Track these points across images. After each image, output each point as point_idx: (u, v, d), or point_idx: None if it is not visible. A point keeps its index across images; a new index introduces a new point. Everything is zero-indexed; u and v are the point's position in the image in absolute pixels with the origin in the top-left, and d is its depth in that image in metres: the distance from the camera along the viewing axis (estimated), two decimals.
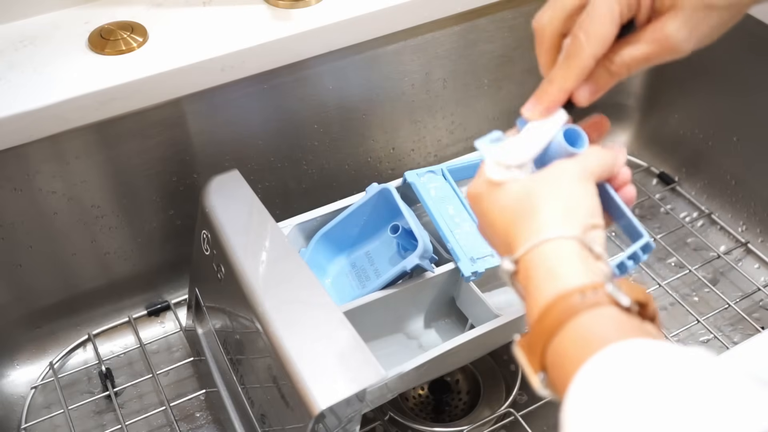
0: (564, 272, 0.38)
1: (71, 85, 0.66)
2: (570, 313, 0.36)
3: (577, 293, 0.37)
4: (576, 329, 0.36)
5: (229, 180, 0.68)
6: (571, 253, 0.39)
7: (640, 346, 0.34)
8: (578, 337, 0.36)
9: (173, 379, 0.80)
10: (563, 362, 0.36)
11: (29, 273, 0.76)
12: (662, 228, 0.95)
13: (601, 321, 0.36)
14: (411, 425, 0.72)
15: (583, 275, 0.38)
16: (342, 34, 0.75)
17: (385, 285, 0.68)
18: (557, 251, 0.39)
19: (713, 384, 0.32)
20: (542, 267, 0.39)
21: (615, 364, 0.34)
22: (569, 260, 0.39)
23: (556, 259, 0.39)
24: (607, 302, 0.37)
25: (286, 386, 0.54)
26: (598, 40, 0.44)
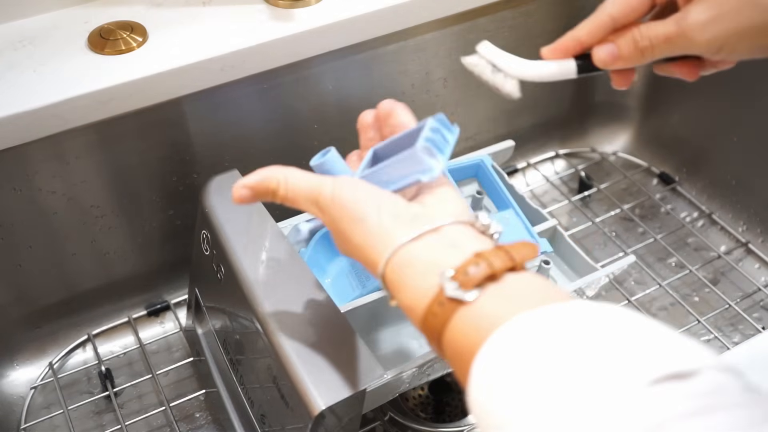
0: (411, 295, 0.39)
1: (71, 85, 0.66)
2: (437, 332, 0.38)
3: (429, 315, 0.38)
4: (449, 348, 0.38)
5: (229, 180, 0.68)
6: (406, 265, 0.40)
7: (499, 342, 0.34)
8: (454, 356, 0.37)
9: (173, 380, 0.80)
10: (455, 367, 0.38)
11: (29, 273, 0.76)
12: (662, 228, 0.95)
13: (459, 333, 0.37)
14: (411, 425, 0.72)
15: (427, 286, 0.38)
16: (342, 34, 0.75)
17: None
18: (396, 273, 0.40)
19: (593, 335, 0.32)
20: (397, 291, 0.40)
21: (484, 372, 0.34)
22: (409, 279, 0.39)
23: (400, 283, 0.40)
24: (455, 307, 0.37)
25: (286, 386, 0.54)
26: (621, 1, 0.45)
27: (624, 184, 1.01)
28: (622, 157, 1.04)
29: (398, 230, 0.41)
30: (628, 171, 1.02)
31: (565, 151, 1.05)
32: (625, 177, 1.01)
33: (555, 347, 0.32)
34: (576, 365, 0.31)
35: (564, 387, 0.31)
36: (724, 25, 0.43)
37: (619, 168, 1.02)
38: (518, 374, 0.32)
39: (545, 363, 0.32)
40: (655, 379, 0.29)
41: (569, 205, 0.98)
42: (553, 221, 0.75)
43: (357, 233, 0.42)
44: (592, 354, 0.31)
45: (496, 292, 0.37)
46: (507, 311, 0.35)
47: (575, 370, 0.31)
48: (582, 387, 0.30)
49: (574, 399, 0.30)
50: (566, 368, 0.31)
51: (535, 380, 0.32)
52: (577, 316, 0.34)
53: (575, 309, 0.34)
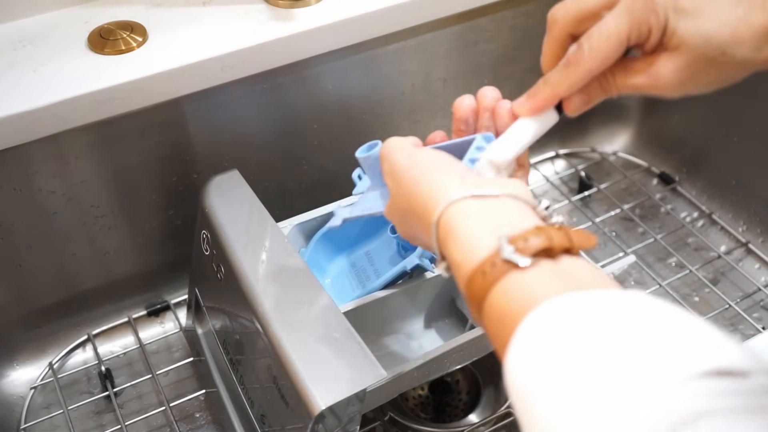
0: (463, 250, 0.39)
1: (71, 85, 0.66)
2: (482, 292, 0.37)
3: (478, 273, 0.38)
4: (491, 309, 0.37)
5: (229, 180, 0.68)
6: (463, 218, 0.40)
7: (547, 312, 0.34)
8: (495, 315, 0.37)
9: (173, 380, 0.80)
10: (493, 338, 0.37)
11: (29, 273, 0.76)
12: (662, 228, 0.95)
13: (507, 295, 0.37)
14: (411, 425, 0.72)
15: (482, 244, 0.38)
16: (342, 34, 0.75)
17: (385, 285, 0.68)
18: (452, 223, 0.40)
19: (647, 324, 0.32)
20: (448, 245, 0.40)
21: (528, 340, 0.34)
22: (464, 232, 0.40)
23: (454, 235, 0.40)
24: (507, 270, 0.37)
25: (286, 386, 0.54)
26: (600, 57, 0.44)
27: (624, 184, 1.01)
28: (622, 157, 1.04)
29: (466, 185, 0.41)
30: (628, 171, 1.02)
31: (565, 151, 1.05)
32: (625, 177, 1.01)
33: (604, 330, 0.32)
34: (623, 350, 0.31)
35: (608, 370, 0.30)
36: (693, 82, 0.44)
37: (619, 168, 1.02)
38: (563, 350, 0.32)
39: (592, 343, 0.32)
40: (706, 372, 0.29)
41: (569, 205, 0.98)
42: None
43: (425, 179, 0.43)
44: (641, 341, 0.31)
45: (550, 267, 0.37)
46: (558, 287, 0.35)
47: (622, 355, 0.30)
48: (628, 372, 0.30)
49: (618, 383, 0.29)
50: (613, 352, 0.31)
51: (581, 358, 0.31)
52: (631, 304, 0.33)
53: (629, 297, 0.34)
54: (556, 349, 0.32)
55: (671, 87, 0.44)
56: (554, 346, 0.32)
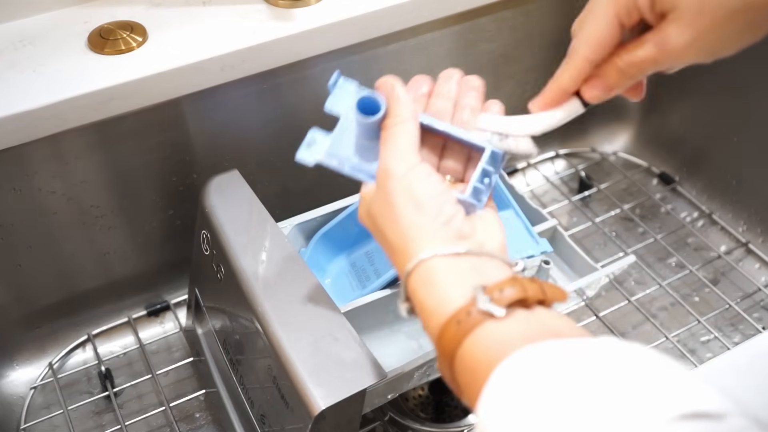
0: (438, 298, 0.39)
1: (71, 85, 0.66)
2: (456, 341, 0.37)
3: (453, 322, 0.38)
4: (465, 357, 0.37)
5: (229, 180, 0.68)
6: (440, 270, 0.40)
7: (522, 359, 0.34)
8: (469, 365, 0.37)
9: (173, 380, 0.80)
10: (465, 387, 0.37)
11: (29, 273, 0.76)
12: (662, 228, 0.95)
13: (482, 343, 0.37)
14: (411, 425, 0.72)
15: (457, 294, 0.39)
16: (342, 34, 0.75)
17: (385, 285, 0.68)
18: (428, 274, 0.40)
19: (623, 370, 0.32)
20: (422, 292, 0.40)
21: (503, 387, 0.34)
22: (440, 283, 0.40)
23: (430, 284, 0.40)
24: (483, 318, 0.37)
25: (286, 386, 0.54)
26: (592, 42, 0.44)
27: (624, 184, 1.01)
28: (622, 157, 1.04)
29: (447, 237, 0.42)
30: (628, 171, 1.02)
31: (565, 151, 1.05)
32: (625, 177, 1.01)
33: (579, 376, 0.32)
34: (600, 396, 0.31)
35: (586, 416, 0.30)
36: (707, 40, 0.43)
37: (619, 168, 1.02)
38: (539, 396, 0.32)
39: (568, 389, 0.32)
40: (683, 415, 0.29)
41: (569, 205, 0.98)
42: (553, 221, 0.75)
43: (406, 220, 0.43)
44: (618, 387, 0.31)
45: (525, 317, 0.37)
46: (533, 336, 0.35)
47: (599, 401, 0.30)
48: (606, 418, 0.30)
49: (596, 429, 0.30)
50: (590, 398, 0.31)
51: (557, 405, 0.31)
52: (605, 350, 0.33)
53: (604, 344, 0.34)
54: (532, 395, 0.32)
55: (681, 50, 0.43)
56: (529, 392, 0.32)
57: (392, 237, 0.43)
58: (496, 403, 0.34)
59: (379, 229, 0.45)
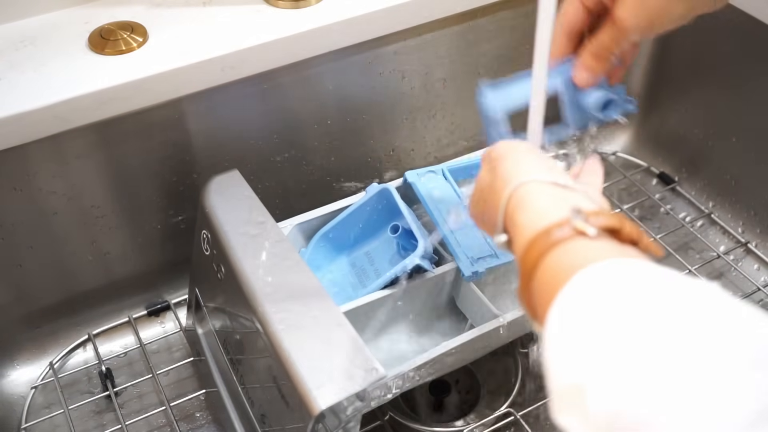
0: (530, 218, 0.41)
1: (71, 85, 0.66)
2: (541, 253, 0.38)
3: (542, 236, 0.38)
4: (548, 266, 0.38)
5: (229, 180, 0.68)
6: (537, 193, 0.42)
7: (606, 268, 0.35)
8: (550, 273, 0.37)
9: (173, 379, 0.80)
10: (541, 296, 0.37)
11: (29, 273, 0.76)
12: (662, 228, 0.95)
13: (569, 253, 0.37)
14: (411, 425, 0.72)
15: (551, 214, 0.40)
16: (342, 34, 0.75)
17: (385, 285, 0.68)
18: (524, 198, 0.42)
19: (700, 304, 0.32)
20: (518, 212, 0.42)
21: (585, 287, 0.34)
22: (537, 202, 0.42)
23: (523, 207, 0.42)
24: (575, 235, 0.38)
25: (286, 386, 0.54)
26: (562, 17, 0.55)
27: (624, 184, 1.01)
28: (622, 157, 1.04)
29: (551, 173, 0.44)
30: (628, 171, 1.02)
31: (565, 151, 1.05)
32: (625, 177, 1.01)
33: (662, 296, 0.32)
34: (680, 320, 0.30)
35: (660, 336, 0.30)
36: (649, 10, 0.51)
37: (619, 168, 1.02)
38: (613, 308, 0.32)
39: (647, 305, 0.32)
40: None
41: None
42: None
43: (515, 158, 0.46)
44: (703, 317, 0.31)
45: (614, 245, 0.38)
46: (621, 255, 0.36)
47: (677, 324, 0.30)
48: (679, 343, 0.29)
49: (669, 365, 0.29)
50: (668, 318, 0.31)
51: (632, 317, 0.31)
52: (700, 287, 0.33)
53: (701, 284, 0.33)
54: (608, 304, 0.32)
55: (631, 25, 0.51)
56: (606, 301, 0.33)
57: (496, 179, 0.45)
58: (571, 305, 0.34)
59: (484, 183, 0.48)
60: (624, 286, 0.33)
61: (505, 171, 0.45)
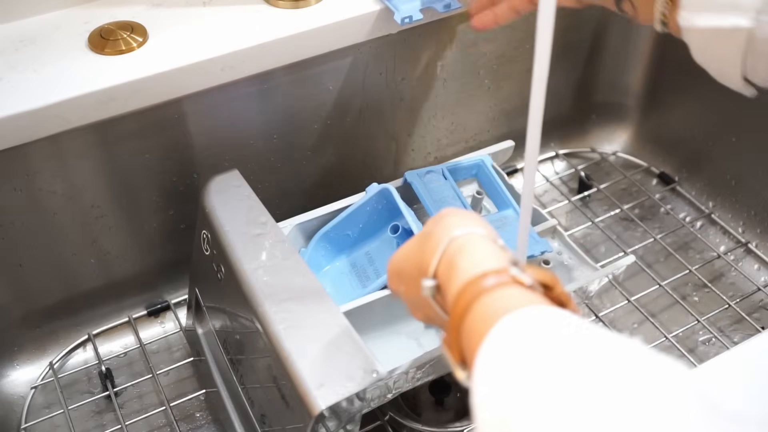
0: (470, 263, 0.41)
1: (71, 85, 0.66)
2: (476, 295, 0.39)
3: (480, 279, 0.39)
4: (481, 308, 0.38)
5: (229, 180, 0.68)
6: (478, 244, 0.42)
7: (540, 311, 0.36)
8: (483, 314, 0.38)
9: (173, 379, 0.80)
10: (470, 340, 0.38)
11: (29, 273, 0.76)
12: (662, 228, 0.95)
13: (503, 297, 0.38)
14: (411, 425, 0.72)
15: (490, 262, 0.40)
16: (342, 34, 0.75)
17: (385, 285, 0.68)
18: (465, 245, 0.42)
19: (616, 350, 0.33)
20: (454, 262, 0.42)
21: (515, 328, 0.35)
22: (476, 252, 0.42)
23: (464, 253, 0.42)
24: (511, 283, 0.39)
25: (286, 386, 0.54)
26: None
27: (624, 184, 1.01)
28: (622, 157, 1.04)
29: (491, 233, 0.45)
30: (628, 171, 1.02)
31: (565, 151, 1.05)
32: (625, 177, 1.01)
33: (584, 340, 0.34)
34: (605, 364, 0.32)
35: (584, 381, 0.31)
36: None
37: (618, 168, 1.02)
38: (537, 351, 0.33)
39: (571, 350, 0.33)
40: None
41: (569, 205, 0.98)
42: (553, 221, 0.75)
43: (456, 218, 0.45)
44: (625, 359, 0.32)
45: (544, 300, 0.39)
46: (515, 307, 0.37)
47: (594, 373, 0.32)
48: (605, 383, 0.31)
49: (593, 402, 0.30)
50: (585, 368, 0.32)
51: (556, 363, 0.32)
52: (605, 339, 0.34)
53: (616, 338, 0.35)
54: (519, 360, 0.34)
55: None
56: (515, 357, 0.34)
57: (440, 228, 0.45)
58: (497, 347, 0.35)
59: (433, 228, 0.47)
60: (548, 331, 0.35)
61: (451, 222, 0.45)
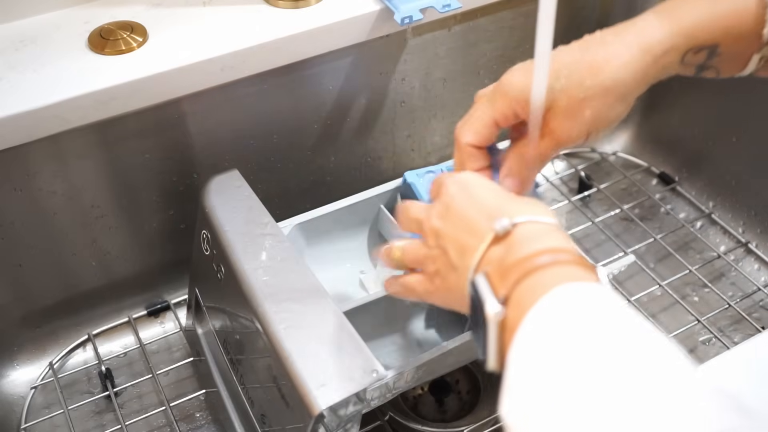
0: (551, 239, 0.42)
1: (71, 85, 0.66)
2: (552, 261, 0.40)
3: (533, 257, 0.40)
4: (547, 273, 0.40)
5: (229, 180, 0.68)
6: (556, 230, 0.43)
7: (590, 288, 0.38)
8: (529, 289, 0.39)
9: (173, 379, 0.80)
10: (524, 300, 0.39)
11: (29, 273, 0.76)
12: (662, 228, 0.95)
13: (568, 270, 0.40)
14: (411, 425, 0.72)
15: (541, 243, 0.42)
16: (342, 34, 0.75)
17: None
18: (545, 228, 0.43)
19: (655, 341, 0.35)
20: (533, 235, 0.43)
21: (564, 302, 0.37)
22: (556, 234, 0.43)
23: (545, 233, 0.43)
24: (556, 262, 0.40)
25: (286, 386, 0.54)
26: (474, 136, 0.53)
27: (624, 184, 1.01)
28: (622, 157, 1.04)
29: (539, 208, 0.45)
30: (628, 171, 1.02)
31: (565, 151, 1.04)
32: (625, 177, 1.01)
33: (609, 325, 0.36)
34: None
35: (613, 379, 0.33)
36: (586, 117, 0.49)
37: (619, 168, 1.02)
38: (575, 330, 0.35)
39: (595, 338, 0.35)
40: None
41: (569, 205, 0.98)
42: None
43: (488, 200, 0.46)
44: None
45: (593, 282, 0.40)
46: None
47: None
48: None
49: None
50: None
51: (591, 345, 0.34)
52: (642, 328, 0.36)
53: None
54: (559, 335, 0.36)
55: (571, 135, 0.50)
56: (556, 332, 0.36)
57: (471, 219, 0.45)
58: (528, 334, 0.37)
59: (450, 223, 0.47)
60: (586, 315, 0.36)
61: (477, 207, 0.45)
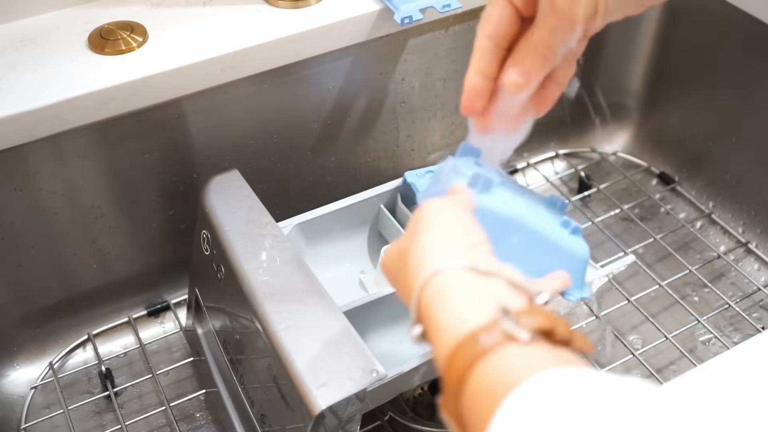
0: (451, 317, 0.36)
1: (71, 85, 0.66)
2: (471, 361, 0.34)
3: (470, 341, 0.34)
4: (481, 378, 0.33)
5: (229, 180, 0.68)
6: (458, 286, 0.37)
7: (548, 380, 0.31)
8: (484, 386, 0.33)
9: (173, 379, 0.80)
10: (475, 414, 0.33)
11: (29, 273, 0.76)
12: (662, 228, 0.95)
13: (504, 363, 0.33)
14: (411, 425, 0.72)
15: (475, 314, 0.36)
16: (342, 34, 0.75)
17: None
18: (445, 288, 0.37)
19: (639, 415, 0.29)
20: (436, 308, 0.37)
21: (524, 406, 0.31)
22: (457, 298, 0.37)
23: (445, 298, 0.37)
24: (504, 341, 0.34)
25: (286, 386, 0.54)
26: (486, 21, 0.45)
27: (624, 184, 1.01)
28: (622, 157, 1.04)
29: (471, 255, 0.39)
30: (628, 171, 1.02)
31: (564, 151, 1.05)
32: (625, 177, 1.01)
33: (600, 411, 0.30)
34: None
35: None
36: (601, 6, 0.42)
37: (619, 168, 1.02)
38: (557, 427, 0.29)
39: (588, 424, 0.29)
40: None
41: (569, 205, 0.98)
42: None
43: (438, 233, 0.41)
44: None
45: (548, 351, 0.34)
46: (557, 363, 0.33)
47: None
48: None
49: None
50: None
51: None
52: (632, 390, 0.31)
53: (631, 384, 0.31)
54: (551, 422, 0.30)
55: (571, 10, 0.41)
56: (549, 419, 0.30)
57: (413, 253, 0.41)
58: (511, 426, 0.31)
59: (402, 251, 0.43)
60: (564, 403, 0.30)
61: (422, 250, 0.40)
